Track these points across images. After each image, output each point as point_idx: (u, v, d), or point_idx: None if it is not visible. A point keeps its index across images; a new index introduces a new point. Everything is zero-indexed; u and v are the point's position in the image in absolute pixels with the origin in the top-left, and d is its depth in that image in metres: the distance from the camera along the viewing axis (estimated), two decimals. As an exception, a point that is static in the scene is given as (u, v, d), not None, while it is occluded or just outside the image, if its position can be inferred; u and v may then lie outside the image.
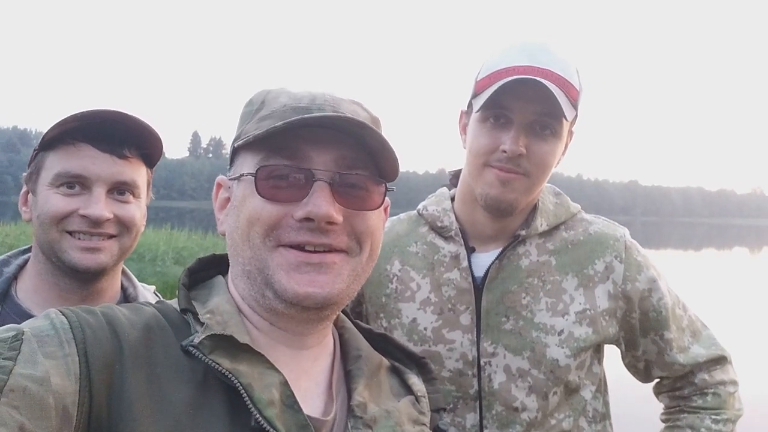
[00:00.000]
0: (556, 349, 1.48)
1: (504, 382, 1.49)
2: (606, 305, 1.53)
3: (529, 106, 1.40)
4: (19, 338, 0.75)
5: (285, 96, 0.91)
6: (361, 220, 0.89)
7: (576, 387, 1.53)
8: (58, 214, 1.32)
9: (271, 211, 0.86)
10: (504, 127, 1.43)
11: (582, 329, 1.50)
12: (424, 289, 1.56)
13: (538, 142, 1.43)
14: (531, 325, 1.50)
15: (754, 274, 27.30)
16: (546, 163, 1.45)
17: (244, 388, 0.80)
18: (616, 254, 1.55)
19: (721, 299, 14.90)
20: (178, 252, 14.17)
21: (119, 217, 1.36)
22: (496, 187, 1.45)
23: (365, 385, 0.95)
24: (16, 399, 0.69)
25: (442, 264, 1.57)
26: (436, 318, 1.53)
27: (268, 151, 0.87)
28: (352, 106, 0.92)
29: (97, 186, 1.34)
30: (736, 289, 18.79)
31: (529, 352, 1.48)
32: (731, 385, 1.62)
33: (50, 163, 1.35)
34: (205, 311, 0.88)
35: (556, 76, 1.40)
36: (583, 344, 1.50)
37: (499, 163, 1.43)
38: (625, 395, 2.98)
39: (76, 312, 0.82)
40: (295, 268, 0.85)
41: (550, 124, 1.42)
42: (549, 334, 1.49)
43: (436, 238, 1.60)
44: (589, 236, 1.58)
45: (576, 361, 1.49)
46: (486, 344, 1.50)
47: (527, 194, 1.48)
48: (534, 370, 1.48)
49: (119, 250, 1.38)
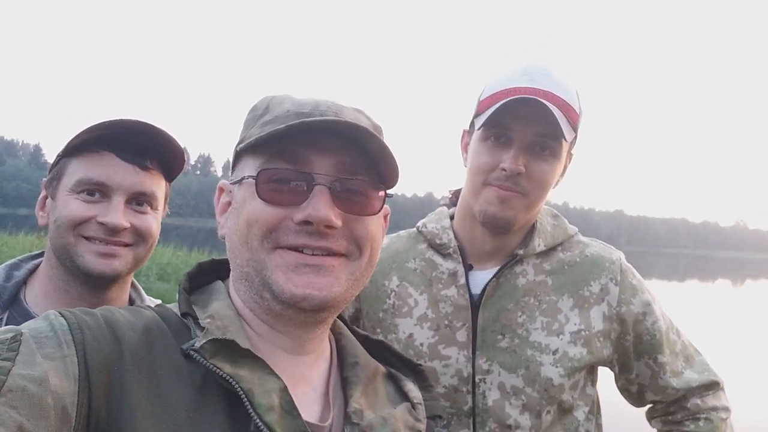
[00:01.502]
0: (551, 368, 1.49)
1: (498, 399, 1.50)
2: (601, 327, 1.54)
3: (530, 127, 1.43)
4: (17, 339, 0.75)
5: (288, 102, 0.92)
6: (360, 225, 0.90)
7: (569, 407, 1.54)
8: (77, 218, 1.33)
9: (270, 213, 0.87)
10: (504, 146, 1.46)
11: (576, 349, 1.51)
12: (421, 305, 1.58)
13: (537, 161, 1.45)
14: (526, 344, 1.51)
15: (736, 306, 27.47)
16: (544, 182, 1.48)
17: (245, 393, 0.81)
18: (611, 276, 1.57)
19: (705, 330, 14.99)
20: (162, 268, 14.08)
21: (136, 227, 1.37)
22: (494, 205, 1.47)
23: (362, 392, 0.95)
24: (15, 399, 0.69)
25: (440, 281, 1.58)
26: (433, 334, 1.54)
27: (269, 155, 0.88)
28: (355, 113, 0.93)
29: (116, 195, 1.35)
30: (720, 320, 18.90)
31: (524, 370, 1.49)
32: (723, 411, 1.62)
33: (72, 169, 1.36)
34: (206, 316, 0.88)
35: (557, 98, 1.43)
36: (578, 364, 1.51)
37: (498, 182, 1.46)
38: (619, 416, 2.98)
39: (75, 313, 0.82)
40: (293, 270, 0.86)
41: (550, 144, 1.45)
42: (544, 353, 1.50)
43: (434, 255, 1.62)
44: (585, 258, 1.60)
45: (570, 381, 1.51)
46: (481, 361, 1.51)
47: (525, 213, 1.50)
48: (528, 388, 1.49)
49: (133, 260, 1.39)
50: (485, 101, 1.50)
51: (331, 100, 0.92)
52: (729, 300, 31.86)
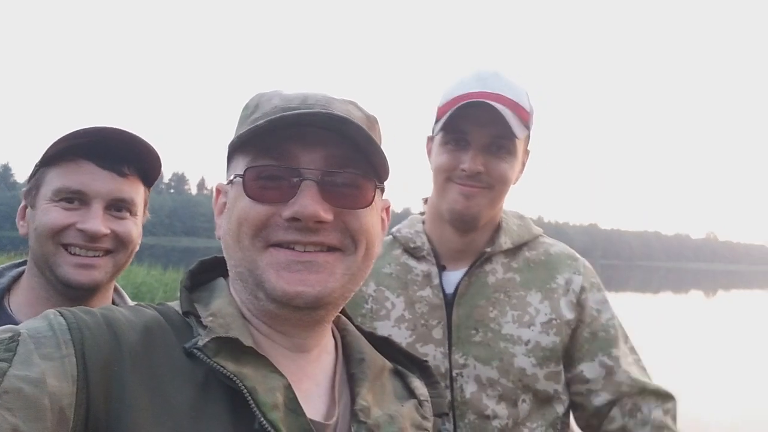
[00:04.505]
0: (523, 359, 1.55)
1: (475, 391, 1.55)
2: (571, 316, 1.61)
3: (484, 129, 1.52)
4: (15, 339, 0.74)
5: (277, 98, 0.90)
6: (354, 218, 0.88)
7: (547, 398, 1.58)
8: (56, 226, 1.33)
9: (259, 211, 0.85)
10: (463, 148, 1.54)
11: (549, 338, 1.57)
12: (398, 307, 1.63)
13: (495, 160, 1.54)
14: (499, 337, 1.57)
15: (709, 316, 27.88)
16: (505, 177, 1.56)
17: (249, 391, 0.80)
18: (574, 270, 1.67)
19: (681, 340, 15.17)
20: (137, 287, 13.87)
21: (116, 233, 1.38)
22: (459, 202, 1.55)
23: (369, 389, 0.94)
24: (11, 401, 0.68)
25: (414, 283, 1.65)
26: (410, 333, 1.60)
27: (255, 152, 0.87)
28: (345, 105, 0.91)
29: (95, 202, 1.35)
30: (695, 330, 19.15)
31: (498, 362, 1.55)
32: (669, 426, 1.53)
33: (51, 178, 1.36)
34: (208, 314, 0.87)
35: (506, 99, 1.53)
36: (549, 353, 1.57)
37: (461, 180, 1.54)
38: None
39: (74, 313, 0.80)
40: (284, 267, 0.84)
41: (505, 144, 1.54)
42: (516, 344, 1.56)
43: (408, 258, 1.69)
44: (549, 256, 1.68)
45: (544, 370, 1.56)
46: (457, 356, 1.57)
47: (490, 208, 1.58)
48: (503, 379, 1.54)
49: (114, 267, 1.40)
50: (443, 107, 1.58)
51: (321, 93, 0.90)
52: (702, 310, 32.32)
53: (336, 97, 0.91)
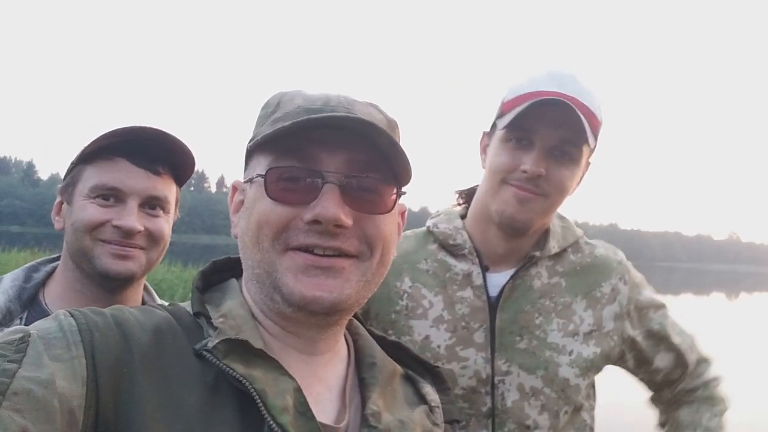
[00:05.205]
0: (567, 369, 1.51)
1: (517, 400, 1.50)
2: (612, 326, 1.58)
3: (553, 131, 1.43)
4: (25, 340, 0.74)
5: (300, 98, 0.90)
6: (372, 224, 0.87)
7: (579, 407, 1.57)
8: (93, 222, 1.38)
9: (280, 213, 0.85)
10: (526, 148, 1.45)
11: (590, 349, 1.54)
12: (436, 306, 1.56)
13: (557, 166, 1.45)
14: (544, 345, 1.52)
15: (731, 319, 27.49)
16: (564, 186, 1.48)
17: (258, 394, 0.79)
18: (620, 276, 1.62)
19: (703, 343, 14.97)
20: (157, 284, 14.00)
21: (149, 230, 1.42)
22: (512, 206, 1.47)
23: (380, 394, 0.93)
24: (20, 402, 0.68)
25: (454, 282, 1.57)
26: (450, 335, 1.53)
27: (279, 152, 0.86)
28: (368, 108, 0.91)
29: (130, 199, 1.40)
30: (717, 333, 18.93)
31: (543, 371, 1.50)
32: (719, 381, 1.71)
33: (87, 175, 1.41)
34: (219, 315, 0.86)
35: (582, 104, 1.43)
36: (591, 364, 1.54)
37: (518, 182, 1.46)
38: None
39: (84, 313, 0.80)
40: (303, 271, 0.84)
41: (571, 150, 1.45)
42: (561, 354, 1.52)
43: (446, 256, 1.61)
44: (595, 258, 1.64)
45: (585, 381, 1.53)
46: (500, 362, 1.51)
47: (542, 216, 1.51)
48: (547, 389, 1.50)
49: (147, 262, 1.44)
50: (508, 103, 1.49)
51: (344, 95, 0.90)
52: (724, 313, 31.88)
53: (358, 99, 0.91)
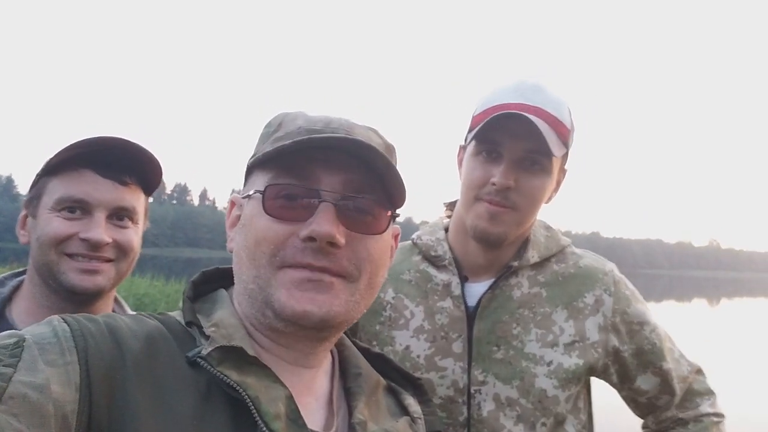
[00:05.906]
0: (545, 380, 1.50)
1: (493, 410, 1.50)
2: (597, 337, 1.55)
3: (519, 143, 1.45)
4: (20, 345, 0.75)
5: (301, 119, 0.92)
6: (363, 245, 0.89)
7: (562, 420, 1.54)
8: (59, 236, 1.34)
9: (277, 230, 0.86)
10: (495, 161, 1.47)
11: (572, 360, 1.52)
12: (417, 316, 1.58)
13: (527, 176, 1.47)
14: (521, 355, 1.51)
15: (713, 325, 27.77)
16: (535, 197, 1.49)
17: (252, 401, 0.80)
18: (605, 288, 1.59)
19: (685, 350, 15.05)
20: (139, 299, 13.87)
21: (118, 241, 1.39)
22: (485, 220, 1.49)
23: (365, 403, 0.95)
24: (16, 406, 0.68)
25: (435, 292, 1.59)
26: (429, 345, 1.54)
27: (278, 170, 0.88)
28: (367, 132, 0.93)
29: (97, 211, 1.36)
30: (699, 339, 19.10)
31: (518, 382, 1.50)
32: (716, 417, 1.64)
33: (52, 187, 1.37)
34: (210, 324, 0.87)
35: (545, 113, 1.45)
36: (572, 375, 1.52)
37: (489, 196, 1.47)
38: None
39: (78, 320, 0.80)
40: (296, 285, 0.85)
41: (539, 160, 1.46)
42: (538, 365, 1.51)
43: (428, 266, 1.63)
44: (579, 269, 1.61)
45: (565, 393, 1.51)
46: (477, 372, 1.52)
47: (516, 228, 1.52)
48: (522, 400, 1.49)
49: (116, 275, 1.40)
50: (477, 117, 1.52)
51: (345, 118, 0.93)
52: (706, 319, 32.20)
53: (357, 123, 0.94)
